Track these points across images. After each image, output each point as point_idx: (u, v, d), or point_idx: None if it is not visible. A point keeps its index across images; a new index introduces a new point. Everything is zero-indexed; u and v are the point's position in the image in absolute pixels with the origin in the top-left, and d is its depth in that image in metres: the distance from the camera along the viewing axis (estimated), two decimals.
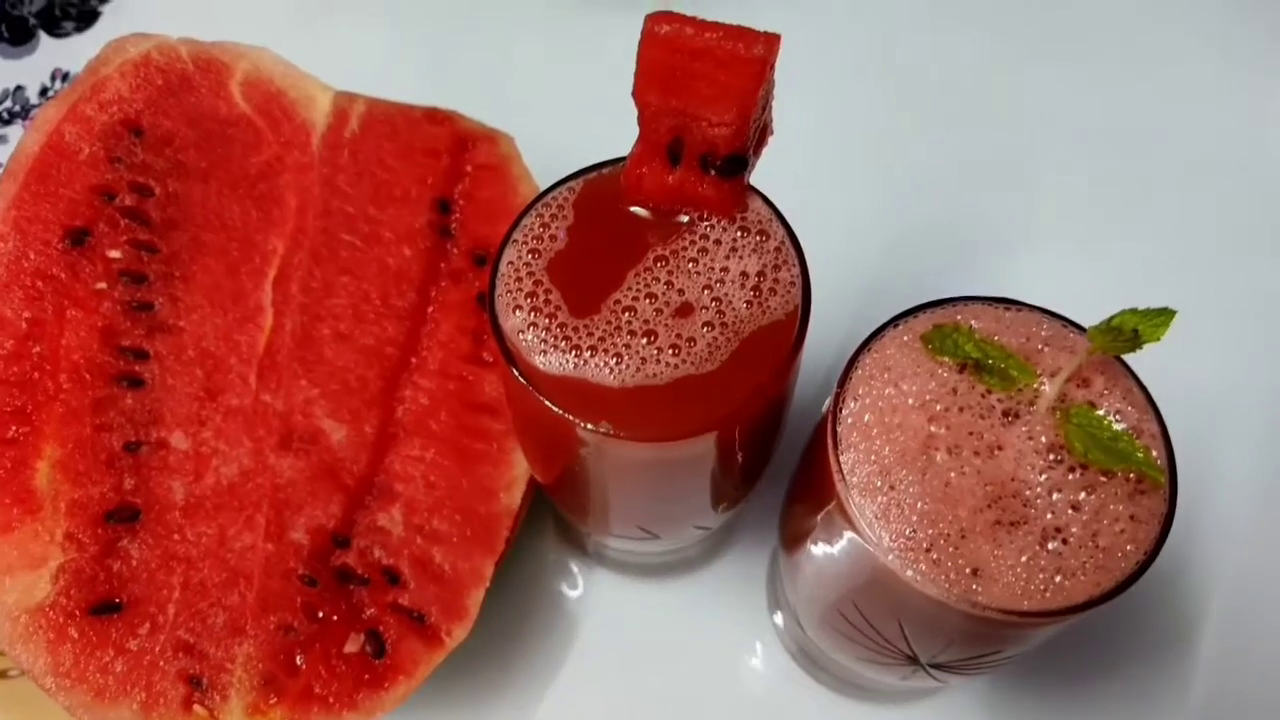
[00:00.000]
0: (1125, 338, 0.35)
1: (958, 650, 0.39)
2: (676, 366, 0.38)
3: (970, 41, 0.76)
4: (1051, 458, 0.36)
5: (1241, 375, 0.63)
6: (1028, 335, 0.39)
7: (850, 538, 0.37)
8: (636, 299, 0.39)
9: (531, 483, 0.52)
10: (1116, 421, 0.37)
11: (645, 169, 0.40)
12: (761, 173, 0.41)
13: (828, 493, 0.38)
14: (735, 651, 0.57)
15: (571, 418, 0.37)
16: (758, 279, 0.40)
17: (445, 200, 0.57)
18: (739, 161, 0.39)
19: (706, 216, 0.41)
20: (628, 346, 0.38)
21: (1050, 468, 0.36)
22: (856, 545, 0.37)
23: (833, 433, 0.38)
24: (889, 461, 0.37)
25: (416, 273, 0.55)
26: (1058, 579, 0.35)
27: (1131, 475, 0.36)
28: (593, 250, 0.40)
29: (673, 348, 0.38)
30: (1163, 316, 0.35)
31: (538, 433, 0.43)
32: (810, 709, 0.55)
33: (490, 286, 0.40)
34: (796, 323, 0.39)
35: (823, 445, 0.38)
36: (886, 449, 0.37)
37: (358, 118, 0.58)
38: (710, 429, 0.37)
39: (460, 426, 0.52)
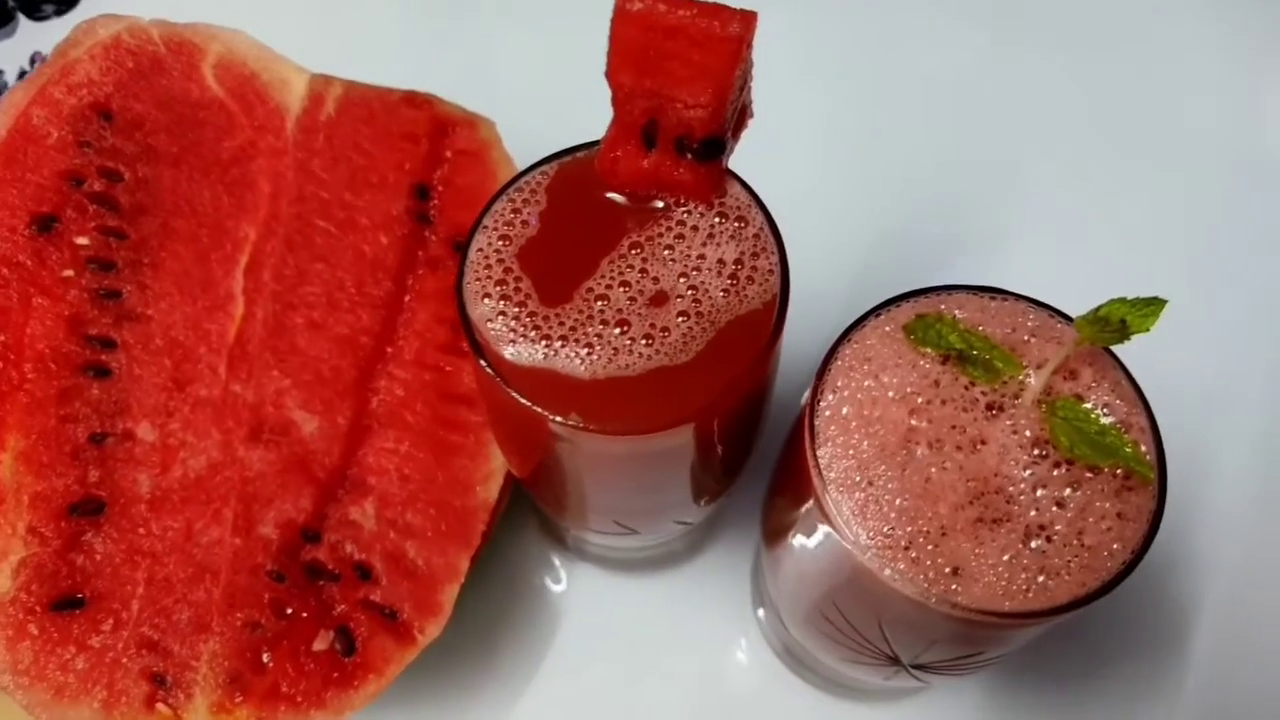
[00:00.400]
0: (1113, 328, 0.34)
1: (940, 651, 0.38)
2: (650, 357, 0.37)
3: (957, 27, 0.75)
4: (1036, 453, 0.35)
5: (1234, 367, 0.62)
6: (1014, 325, 0.38)
7: (828, 534, 0.36)
8: (610, 287, 0.38)
9: (510, 476, 0.51)
10: (1104, 415, 0.36)
11: (620, 152, 0.39)
12: (741, 156, 0.40)
13: (806, 488, 0.37)
14: (720, 648, 0.56)
15: (541, 410, 0.36)
16: (735, 267, 0.38)
17: (424, 186, 0.56)
18: (716, 144, 0.38)
19: (683, 202, 0.39)
20: (599, 336, 0.37)
21: (1035, 463, 0.35)
22: (834, 543, 0.36)
23: (810, 426, 0.36)
24: (867, 456, 0.35)
25: (393, 260, 0.54)
26: (1041, 579, 0.34)
27: (1119, 471, 0.35)
28: (565, 237, 0.39)
29: (646, 338, 0.37)
30: (1152, 306, 0.34)
31: (509, 425, 0.42)
32: (794, 706, 0.54)
33: (459, 274, 0.38)
34: (775, 312, 0.38)
35: (801, 439, 0.37)
36: (865, 443, 0.36)
37: (334, 101, 0.57)
38: (684, 422, 0.36)
39: (436, 418, 0.51)
